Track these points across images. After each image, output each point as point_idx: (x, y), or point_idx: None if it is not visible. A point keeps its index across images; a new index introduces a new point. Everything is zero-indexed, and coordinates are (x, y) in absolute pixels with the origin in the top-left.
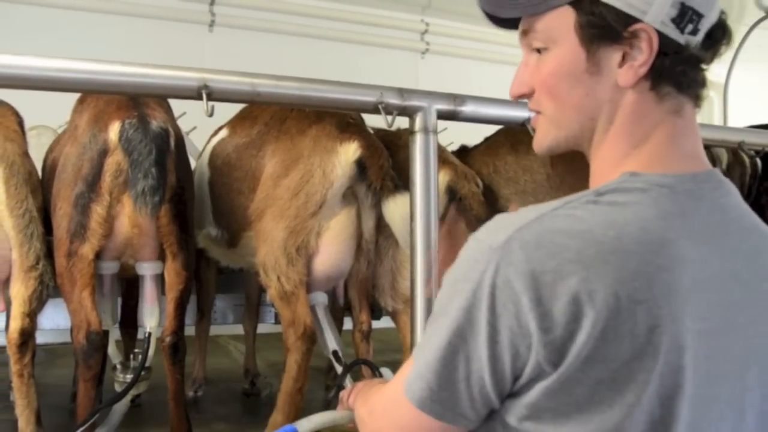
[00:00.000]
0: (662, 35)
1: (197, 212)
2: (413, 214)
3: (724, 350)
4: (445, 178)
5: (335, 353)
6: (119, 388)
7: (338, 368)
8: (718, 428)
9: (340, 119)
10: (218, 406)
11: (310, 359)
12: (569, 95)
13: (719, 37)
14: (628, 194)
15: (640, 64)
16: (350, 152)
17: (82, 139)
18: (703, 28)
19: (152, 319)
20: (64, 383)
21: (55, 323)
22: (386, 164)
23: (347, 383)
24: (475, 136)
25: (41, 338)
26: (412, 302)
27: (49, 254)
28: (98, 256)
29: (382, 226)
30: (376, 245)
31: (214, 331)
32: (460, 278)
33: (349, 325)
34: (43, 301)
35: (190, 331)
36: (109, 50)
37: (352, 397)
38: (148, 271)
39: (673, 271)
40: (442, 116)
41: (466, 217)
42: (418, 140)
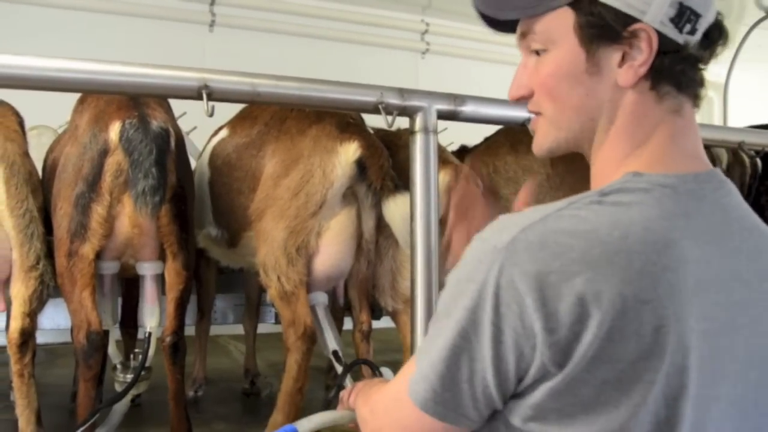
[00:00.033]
0: (661, 35)
1: (197, 212)
2: (413, 214)
3: (726, 350)
4: (445, 178)
5: (335, 353)
6: (119, 387)
7: (338, 368)
8: (720, 428)
9: (340, 119)
10: (218, 406)
11: (310, 359)
12: (569, 96)
13: (716, 37)
14: (631, 194)
15: (640, 63)
16: (350, 152)
17: (82, 139)
18: (701, 27)
19: (152, 319)
20: (64, 383)
21: (55, 323)
22: (386, 164)
23: (347, 383)
24: (475, 136)
25: (41, 338)
26: (412, 302)
27: (49, 254)
28: (99, 256)
29: (382, 226)
30: (376, 245)
31: (214, 331)
32: (464, 278)
33: (349, 325)
34: (43, 300)
35: (190, 331)
36: (109, 50)
37: (352, 396)
38: (148, 271)
39: (677, 271)
40: (442, 116)
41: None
42: (418, 140)
